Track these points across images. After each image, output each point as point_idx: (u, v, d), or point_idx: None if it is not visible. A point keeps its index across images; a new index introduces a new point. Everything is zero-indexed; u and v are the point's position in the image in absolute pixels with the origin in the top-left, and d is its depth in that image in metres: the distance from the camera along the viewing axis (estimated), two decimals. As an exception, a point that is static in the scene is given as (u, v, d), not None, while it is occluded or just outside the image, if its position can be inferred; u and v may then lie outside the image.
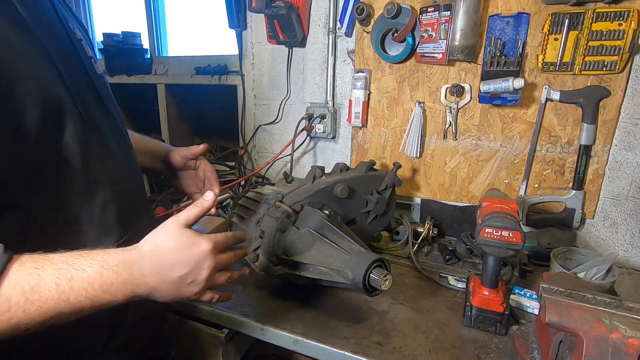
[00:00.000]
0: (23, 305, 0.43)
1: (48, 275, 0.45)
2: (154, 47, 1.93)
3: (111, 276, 0.49)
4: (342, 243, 0.82)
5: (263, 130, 1.61)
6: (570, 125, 1.11)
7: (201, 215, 0.61)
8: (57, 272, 0.46)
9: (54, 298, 0.45)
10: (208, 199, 0.62)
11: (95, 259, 0.49)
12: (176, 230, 0.56)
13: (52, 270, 0.46)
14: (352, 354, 0.77)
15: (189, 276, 0.56)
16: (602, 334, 0.60)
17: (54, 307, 0.45)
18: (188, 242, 0.56)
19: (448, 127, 1.24)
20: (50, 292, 0.45)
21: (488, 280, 0.84)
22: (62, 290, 0.45)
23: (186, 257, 0.55)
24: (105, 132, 0.65)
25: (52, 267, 0.46)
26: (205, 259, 0.57)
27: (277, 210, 0.91)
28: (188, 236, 0.56)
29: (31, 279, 0.44)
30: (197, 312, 0.93)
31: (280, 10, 1.26)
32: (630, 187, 1.10)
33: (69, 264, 0.47)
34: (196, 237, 0.57)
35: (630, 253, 1.14)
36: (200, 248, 0.56)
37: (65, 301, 0.46)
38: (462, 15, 1.07)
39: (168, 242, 0.55)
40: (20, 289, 0.43)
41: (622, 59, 1.00)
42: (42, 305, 0.44)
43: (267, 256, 0.89)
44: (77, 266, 0.47)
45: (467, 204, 1.28)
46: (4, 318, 0.43)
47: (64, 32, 0.62)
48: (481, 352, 0.78)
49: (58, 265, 0.46)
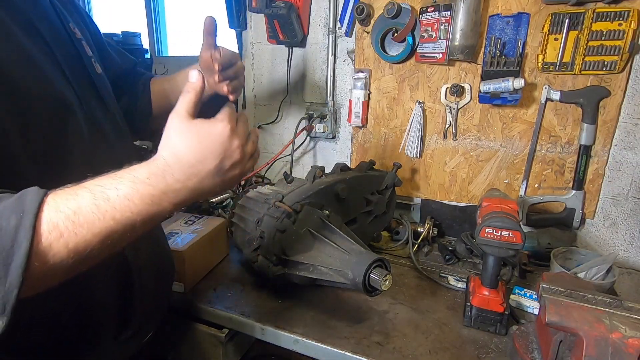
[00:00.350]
0: (72, 228, 0.43)
1: (85, 199, 0.44)
2: (154, 47, 1.93)
3: (147, 189, 0.48)
4: (342, 243, 0.82)
5: (263, 130, 1.60)
6: (570, 125, 1.11)
7: (197, 98, 0.55)
8: (92, 195, 0.45)
9: (100, 218, 0.44)
10: (194, 80, 0.55)
11: (125, 177, 0.48)
12: (184, 125, 0.52)
13: (87, 193, 0.45)
14: (352, 354, 0.77)
15: (225, 162, 0.53)
16: (602, 334, 0.60)
17: (105, 226, 0.45)
18: (203, 132, 0.52)
19: (448, 127, 1.24)
20: (94, 213, 0.44)
21: (488, 280, 0.84)
22: (104, 209, 0.45)
23: (210, 147, 0.52)
24: (106, 130, 0.66)
25: (86, 191, 0.45)
26: (231, 140, 0.53)
27: (277, 210, 0.91)
28: (199, 126, 0.52)
29: (70, 204, 0.44)
30: (197, 312, 0.93)
31: (280, 10, 1.26)
32: (630, 187, 1.10)
33: (100, 185, 0.46)
34: (208, 124, 0.53)
35: (630, 253, 1.14)
36: (219, 132, 0.53)
37: (112, 219, 0.45)
38: (462, 15, 1.07)
39: (184, 142, 0.51)
40: (64, 215, 0.43)
41: (622, 59, 1.00)
42: (91, 227, 0.44)
43: (267, 256, 0.89)
44: (109, 187, 0.46)
45: (467, 204, 1.28)
46: (60, 243, 0.42)
47: (64, 32, 0.63)
48: (481, 352, 0.78)
49: (91, 189, 0.45)
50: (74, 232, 0.43)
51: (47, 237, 0.42)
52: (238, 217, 1.03)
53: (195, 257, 0.97)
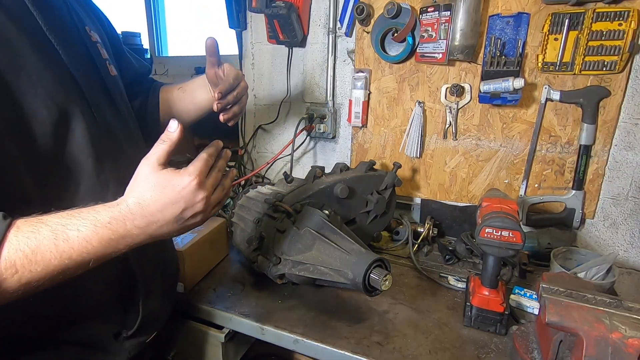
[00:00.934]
0: (28, 267, 0.45)
1: (45, 237, 0.46)
2: (154, 47, 1.93)
3: (107, 233, 0.50)
4: (342, 243, 0.82)
5: (263, 130, 1.60)
6: (570, 125, 1.11)
7: (172, 149, 0.55)
8: (53, 234, 0.47)
9: (56, 257, 0.46)
10: (172, 130, 0.55)
11: (87, 219, 0.49)
12: (153, 175, 0.53)
13: (49, 232, 0.47)
14: (352, 354, 0.77)
15: (186, 212, 0.55)
16: (602, 334, 0.60)
17: (59, 265, 0.47)
18: (169, 184, 0.53)
19: (448, 127, 1.24)
20: (51, 252, 0.46)
21: (488, 280, 0.84)
22: (62, 250, 0.47)
23: (174, 198, 0.53)
24: (116, 134, 0.67)
25: (48, 229, 0.47)
26: (195, 193, 0.55)
27: (277, 210, 0.91)
28: (166, 178, 0.53)
29: (30, 242, 0.46)
30: (197, 312, 0.93)
31: (280, 10, 1.26)
32: (630, 187, 1.10)
33: (62, 224, 0.48)
34: (175, 176, 0.54)
35: (630, 253, 1.14)
36: (184, 185, 0.54)
37: (68, 259, 0.47)
38: (462, 15, 1.07)
39: (150, 191, 0.53)
40: (22, 253, 0.45)
41: (622, 59, 1.00)
42: (47, 265, 0.46)
43: (267, 256, 0.89)
44: (71, 227, 0.48)
45: (467, 204, 1.28)
46: (14, 279, 0.45)
47: (78, 36, 0.63)
48: (481, 352, 0.78)
49: (53, 227, 0.47)
50: (29, 269, 0.45)
51: (2, 274, 0.44)
52: (238, 217, 1.03)
53: (195, 257, 0.97)
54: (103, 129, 0.63)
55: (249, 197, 1.05)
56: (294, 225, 0.87)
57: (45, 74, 0.55)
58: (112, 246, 0.51)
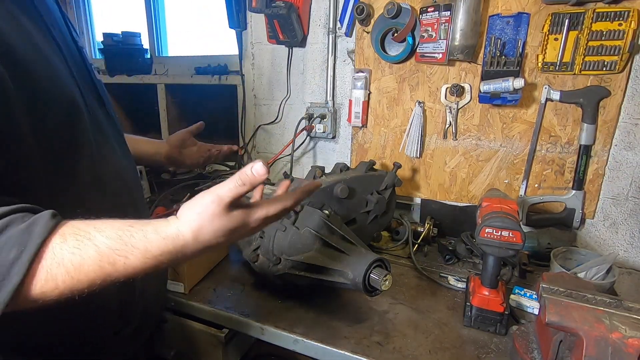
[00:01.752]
0: (70, 284, 0.44)
1: (91, 257, 0.45)
2: (154, 47, 1.93)
3: (154, 262, 0.48)
4: (342, 243, 0.82)
5: (263, 130, 1.60)
6: (570, 125, 1.11)
7: (247, 191, 0.50)
8: (99, 256, 0.45)
9: (99, 277, 0.46)
10: (258, 174, 0.48)
11: (138, 248, 0.47)
12: (223, 219, 0.50)
13: (94, 253, 0.45)
14: (352, 354, 0.77)
15: (234, 239, 0.54)
16: (602, 334, 0.60)
17: (101, 281, 0.46)
18: (238, 228, 0.51)
19: (448, 127, 1.24)
20: (95, 273, 0.45)
21: (488, 280, 0.84)
22: (106, 272, 0.46)
23: (234, 238, 0.53)
24: (107, 133, 0.68)
25: (94, 249, 0.45)
26: (253, 230, 0.54)
27: (277, 210, 0.91)
28: (236, 224, 0.51)
29: (74, 259, 0.44)
30: (197, 312, 0.93)
31: (280, 10, 1.26)
32: (630, 187, 1.10)
33: (110, 248, 0.46)
34: (243, 217, 0.51)
35: (630, 253, 1.14)
36: (246, 224, 0.52)
37: (109, 276, 0.46)
38: (462, 15, 1.07)
39: (214, 232, 0.50)
40: (65, 269, 0.44)
41: (622, 59, 1.00)
42: (89, 282, 0.45)
43: (267, 256, 0.89)
44: (119, 253, 0.46)
45: (467, 204, 1.28)
46: (53, 293, 0.44)
47: (71, 39, 0.66)
48: (481, 352, 0.78)
49: (100, 249, 0.45)
50: (70, 285, 0.44)
51: (42, 286, 0.43)
52: (238, 217, 1.03)
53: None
54: (97, 127, 0.64)
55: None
56: (294, 225, 0.87)
57: (56, 67, 0.57)
58: (154, 267, 0.49)
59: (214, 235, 0.50)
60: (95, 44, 2.17)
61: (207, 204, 0.50)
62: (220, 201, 0.49)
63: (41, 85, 0.52)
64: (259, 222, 0.53)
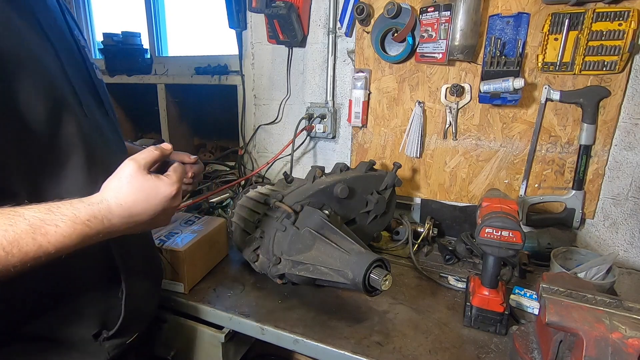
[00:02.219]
0: (4, 259, 0.45)
1: (23, 231, 0.47)
2: (154, 47, 1.93)
3: (84, 229, 0.51)
4: (342, 243, 0.82)
5: (263, 130, 1.61)
6: (570, 125, 1.11)
7: (160, 158, 0.60)
8: (31, 229, 0.47)
9: (33, 250, 0.47)
10: (167, 146, 0.62)
11: (67, 215, 0.50)
12: (138, 179, 0.56)
13: (26, 226, 0.47)
14: (352, 354, 0.77)
15: (161, 216, 0.59)
16: (602, 334, 0.60)
17: (34, 256, 0.48)
18: (153, 191, 0.57)
19: (448, 127, 1.24)
20: (28, 246, 0.47)
21: (488, 280, 0.84)
22: (39, 243, 0.47)
23: (153, 204, 0.57)
24: (105, 133, 0.68)
25: (26, 223, 0.47)
26: (173, 200, 0.59)
27: (277, 210, 0.91)
28: (151, 185, 0.57)
29: (7, 235, 0.46)
30: (197, 312, 0.93)
31: (280, 10, 1.26)
32: (630, 187, 1.10)
33: (41, 219, 0.48)
34: (160, 184, 0.57)
35: (630, 253, 1.14)
36: (167, 194, 0.58)
37: (44, 252, 0.48)
38: (462, 15, 1.07)
39: (133, 194, 0.55)
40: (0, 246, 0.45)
41: (622, 59, 1.00)
42: (23, 257, 0.47)
43: (267, 256, 0.89)
44: (49, 222, 0.48)
45: (467, 204, 1.28)
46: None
47: (70, 38, 0.66)
48: (481, 352, 0.78)
49: (31, 222, 0.48)
50: (5, 260, 0.45)
51: None
52: (238, 217, 1.03)
53: (195, 257, 0.97)
54: (93, 127, 0.64)
55: (249, 197, 1.05)
56: (294, 225, 0.87)
57: (45, 66, 0.56)
58: (87, 241, 0.52)
59: (134, 197, 0.55)
60: (95, 44, 2.17)
61: (124, 168, 0.56)
62: (136, 163, 0.56)
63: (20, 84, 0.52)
64: (173, 184, 0.58)
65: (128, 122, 2.11)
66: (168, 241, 0.95)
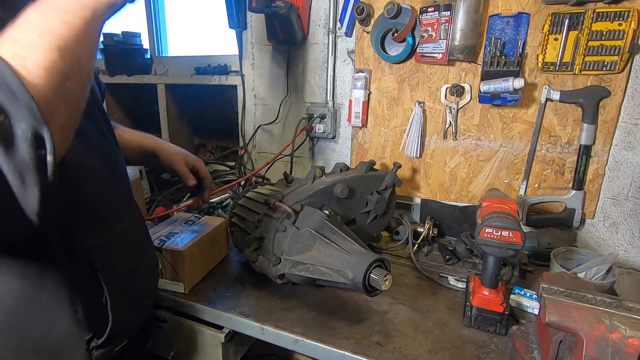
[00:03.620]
0: (29, 50, 0.43)
1: (52, 19, 0.45)
2: (154, 47, 1.93)
3: None
4: (342, 243, 0.82)
5: (263, 130, 1.61)
6: (570, 125, 1.11)
7: None
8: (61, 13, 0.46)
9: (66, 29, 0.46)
10: None
11: None
12: None
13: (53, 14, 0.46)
14: (352, 354, 0.77)
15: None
16: (602, 334, 0.60)
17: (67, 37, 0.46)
18: None
19: (448, 127, 1.24)
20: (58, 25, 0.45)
21: (488, 280, 0.84)
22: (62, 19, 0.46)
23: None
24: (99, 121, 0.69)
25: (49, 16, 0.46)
26: None
27: (277, 210, 0.91)
28: None
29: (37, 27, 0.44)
30: (197, 312, 0.93)
31: (280, 10, 1.26)
32: (630, 187, 1.10)
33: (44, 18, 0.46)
34: None
35: (630, 253, 1.14)
36: None
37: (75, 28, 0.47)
38: (462, 15, 1.07)
39: None
40: (11, 46, 0.43)
41: (622, 59, 1.00)
42: (49, 42, 0.44)
43: (267, 256, 0.89)
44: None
45: (467, 204, 1.28)
46: (30, 66, 0.42)
47: None
48: (481, 352, 0.78)
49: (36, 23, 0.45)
50: (30, 53, 0.42)
51: (14, 65, 0.41)
52: (238, 217, 1.03)
53: (195, 257, 0.97)
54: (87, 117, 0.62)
55: (248, 197, 1.05)
56: (294, 225, 0.87)
57: None
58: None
59: None
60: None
61: None
62: None
63: None
64: None
65: (128, 122, 2.12)
66: (168, 241, 0.95)
